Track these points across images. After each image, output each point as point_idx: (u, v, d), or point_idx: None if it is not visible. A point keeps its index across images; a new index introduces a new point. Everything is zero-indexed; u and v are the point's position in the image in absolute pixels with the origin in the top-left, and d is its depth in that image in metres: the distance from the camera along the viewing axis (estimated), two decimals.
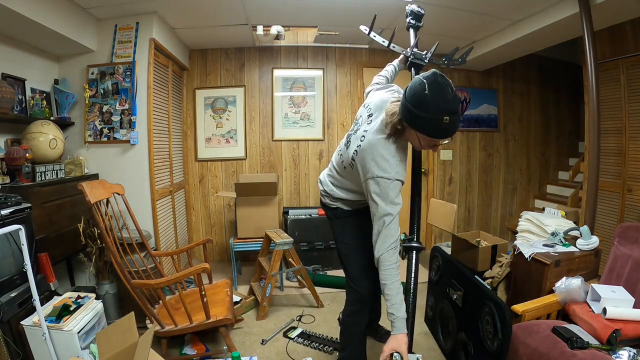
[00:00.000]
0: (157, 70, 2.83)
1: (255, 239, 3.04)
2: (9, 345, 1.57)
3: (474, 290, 1.81)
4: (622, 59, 2.70)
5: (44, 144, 2.24)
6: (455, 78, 4.02)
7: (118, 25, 2.67)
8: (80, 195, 1.81)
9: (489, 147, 4.21)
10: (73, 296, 1.91)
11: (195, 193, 3.75)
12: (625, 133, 2.74)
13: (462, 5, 2.65)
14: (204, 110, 3.70)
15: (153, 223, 2.74)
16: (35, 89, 2.45)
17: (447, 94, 1.17)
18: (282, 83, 3.76)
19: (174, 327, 1.86)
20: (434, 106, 1.16)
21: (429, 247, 4.04)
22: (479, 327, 1.67)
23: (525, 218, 2.31)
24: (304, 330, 2.36)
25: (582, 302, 1.62)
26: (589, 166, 2.40)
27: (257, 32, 3.25)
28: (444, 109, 1.16)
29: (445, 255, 2.24)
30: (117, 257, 1.81)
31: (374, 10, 2.80)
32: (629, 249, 1.74)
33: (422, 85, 1.17)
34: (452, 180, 4.11)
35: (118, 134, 2.66)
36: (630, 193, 2.71)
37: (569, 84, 4.38)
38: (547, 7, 2.57)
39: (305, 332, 2.34)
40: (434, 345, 2.18)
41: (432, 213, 3.40)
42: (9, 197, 1.77)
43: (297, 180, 3.85)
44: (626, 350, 1.32)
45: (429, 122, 1.19)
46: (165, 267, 2.74)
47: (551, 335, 1.45)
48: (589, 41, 2.27)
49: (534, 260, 1.84)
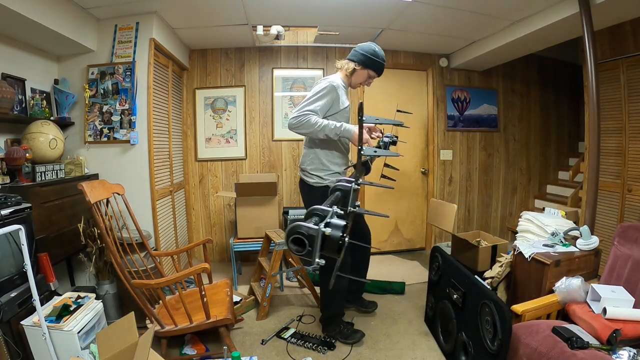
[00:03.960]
0: (157, 70, 2.83)
1: (255, 239, 3.04)
2: (9, 345, 1.57)
3: (474, 290, 1.81)
4: (622, 59, 2.70)
5: (44, 144, 2.24)
6: (456, 78, 4.03)
7: (118, 25, 2.67)
8: (80, 195, 1.81)
9: (489, 147, 4.21)
10: (73, 296, 1.91)
11: (195, 193, 3.75)
12: (625, 133, 2.74)
13: (462, 5, 2.65)
14: (204, 110, 3.70)
15: (153, 223, 2.74)
16: (35, 89, 2.45)
17: (382, 52, 2.16)
18: (282, 83, 3.76)
19: (174, 327, 1.86)
20: (380, 56, 2.13)
21: (429, 247, 4.04)
22: (479, 327, 1.67)
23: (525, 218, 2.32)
24: (297, 330, 2.36)
25: (582, 302, 1.62)
26: (589, 166, 2.40)
27: (257, 32, 3.25)
28: (384, 58, 2.16)
29: (445, 255, 2.24)
30: (117, 257, 1.81)
31: (374, 10, 2.82)
32: (629, 249, 1.74)
33: (373, 46, 2.14)
34: (452, 180, 4.12)
35: (118, 134, 2.66)
36: (630, 193, 2.71)
37: (569, 84, 4.38)
38: (547, 7, 2.57)
39: (298, 332, 2.33)
40: (434, 345, 2.18)
41: (432, 213, 3.40)
42: (9, 197, 1.77)
43: (297, 180, 3.85)
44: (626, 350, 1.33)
45: (378, 64, 2.13)
46: (165, 267, 2.74)
47: (551, 335, 1.45)
48: (589, 41, 2.27)
49: (534, 260, 1.85)
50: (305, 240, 1.63)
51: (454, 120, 4.06)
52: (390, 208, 3.95)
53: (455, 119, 4.06)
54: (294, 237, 1.77)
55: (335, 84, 2.05)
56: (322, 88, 2.03)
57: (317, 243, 1.59)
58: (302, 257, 1.73)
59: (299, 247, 1.76)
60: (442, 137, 4.03)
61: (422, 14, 2.84)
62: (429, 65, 3.94)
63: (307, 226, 1.64)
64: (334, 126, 1.97)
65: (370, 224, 2.61)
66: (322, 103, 2.00)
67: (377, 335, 2.31)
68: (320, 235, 1.62)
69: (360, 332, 2.27)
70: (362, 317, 2.54)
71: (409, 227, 4.10)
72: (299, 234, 1.68)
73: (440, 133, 4.01)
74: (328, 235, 1.55)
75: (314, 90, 2.05)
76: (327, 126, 1.96)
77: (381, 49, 2.14)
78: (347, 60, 2.14)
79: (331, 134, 1.98)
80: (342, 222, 1.56)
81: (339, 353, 2.12)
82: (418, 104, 3.98)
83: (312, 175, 2.19)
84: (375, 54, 2.09)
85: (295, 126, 1.98)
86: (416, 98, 3.98)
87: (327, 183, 2.14)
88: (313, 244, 1.67)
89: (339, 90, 2.08)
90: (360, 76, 2.14)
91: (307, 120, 1.95)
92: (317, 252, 1.64)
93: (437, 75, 3.96)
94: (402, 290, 2.96)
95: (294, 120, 1.98)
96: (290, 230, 1.75)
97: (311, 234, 1.65)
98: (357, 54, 2.11)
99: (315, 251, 1.65)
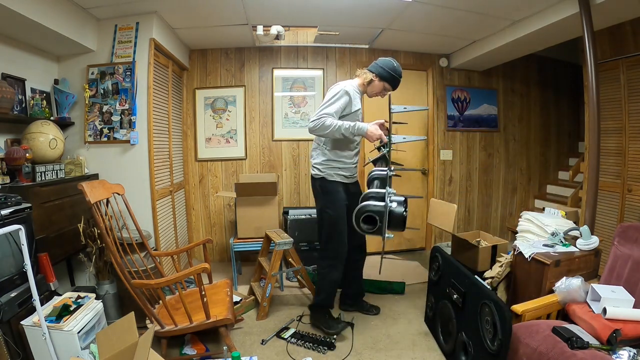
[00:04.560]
0: (157, 70, 2.83)
1: (255, 239, 3.04)
2: (9, 345, 1.57)
3: (474, 290, 1.81)
4: (622, 59, 2.70)
5: (44, 144, 2.24)
6: (456, 78, 4.03)
7: (118, 25, 2.67)
8: (80, 195, 1.81)
9: (489, 147, 4.21)
10: (73, 296, 1.91)
11: (195, 193, 3.75)
12: (625, 133, 2.74)
13: (462, 5, 2.65)
14: (204, 110, 3.70)
15: (153, 223, 2.74)
16: (35, 89, 2.45)
17: (401, 68, 2.30)
18: (282, 83, 3.76)
19: (174, 327, 1.86)
20: (398, 72, 2.27)
21: (429, 247, 4.04)
22: (479, 327, 1.67)
23: (525, 218, 2.32)
24: (297, 330, 2.36)
25: (582, 302, 1.62)
26: (589, 166, 2.40)
27: (257, 32, 3.25)
28: (401, 74, 2.29)
29: (445, 255, 2.24)
30: (117, 257, 1.81)
31: (374, 10, 2.82)
32: (629, 249, 1.74)
33: (393, 61, 2.27)
34: (452, 180, 4.12)
35: (118, 134, 2.66)
36: (630, 193, 2.71)
37: (569, 84, 4.38)
38: (547, 7, 2.57)
39: (298, 332, 2.34)
40: (434, 345, 2.18)
41: (432, 213, 3.40)
42: (9, 197, 1.77)
43: (297, 180, 3.85)
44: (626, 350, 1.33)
45: (395, 79, 2.27)
46: (165, 267, 2.74)
47: (551, 335, 1.45)
48: (589, 41, 2.27)
49: (534, 260, 1.85)
50: (376, 217, 1.85)
51: (454, 120, 4.06)
52: None
53: (455, 119, 4.06)
54: (365, 216, 2.07)
55: (347, 89, 2.21)
56: (335, 93, 2.20)
57: (386, 218, 1.85)
58: (372, 234, 2.00)
59: (369, 225, 2.00)
60: (442, 137, 4.03)
61: (422, 14, 2.84)
62: (429, 65, 3.94)
63: (373, 204, 1.92)
64: (348, 126, 2.11)
65: None
66: (336, 106, 2.16)
67: (377, 335, 2.31)
68: (387, 210, 1.90)
69: (343, 323, 2.34)
70: (363, 317, 2.54)
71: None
72: (370, 212, 1.98)
73: (440, 133, 4.01)
74: (392, 211, 1.83)
75: (329, 95, 2.24)
76: (342, 126, 2.11)
77: (400, 66, 2.29)
78: (366, 70, 2.32)
79: (347, 133, 2.13)
80: (401, 198, 1.85)
81: (339, 353, 2.12)
82: (418, 104, 3.98)
83: (314, 168, 2.36)
84: (393, 69, 2.25)
85: (314, 129, 2.14)
86: (416, 98, 3.98)
87: (323, 175, 2.30)
88: (383, 219, 1.96)
89: (352, 94, 2.23)
90: (376, 87, 2.30)
91: (324, 122, 2.10)
92: (386, 226, 1.92)
93: (437, 75, 3.96)
94: (402, 290, 2.96)
95: (313, 123, 2.14)
96: (359, 211, 2.11)
97: (380, 210, 1.95)
98: (377, 66, 2.28)
99: (385, 226, 1.92)
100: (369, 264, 2.91)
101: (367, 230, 1.99)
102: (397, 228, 1.93)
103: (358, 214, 1.95)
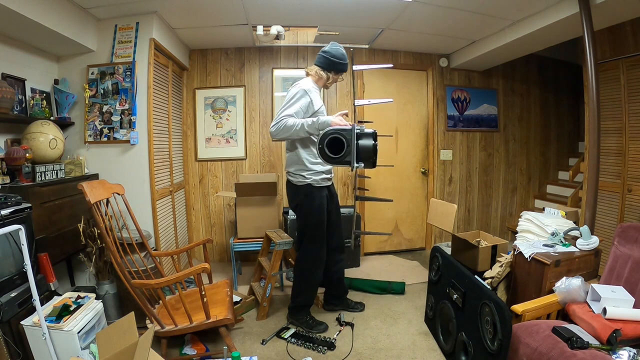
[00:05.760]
0: (157, 70, 2.83)
1: (255, 239, 3.04)
2: (9, 345, 1.58)
3: (474, 290, 1.81)
4: (622, 59, 2.70)
5: (44, 144, 2.24)
6: (456, 78, 4.03)
7: (118, 25, 2.67)
8: (80, 195, 1.81)
9: (489, 147, 4.21)
10: (73, 296, 1.91)
11: (195, 193, 3.75)
12: (625, 133, 2.74)
13: (462, 5, 2.65)
14: (204, 110, 3.70)
15: (153, 223, 2.74)
16: (35, 89, 2.45)
17: (341, 49, 2.28)
18: (282, 83, 3.76)
19: (174, 327, 1.86)
20: (337, 55, 2.24)
21: (429, 247, 4.04)
22: (479, 327, 1.67)
23: (525, 218, 2.32)
24: (297, 330, 2.36)
25: (582, 302, 1.62)
26: (589, 166, 2.40)
27: (257, 32, 3.25)
28: (342, 56, 2.26)
29: (445, 255, 2.24)
30: (117, 257, 1.81)
31: (374, 10, 2.82)
32: (629, 249, 1.74)
33: (333, 46, 2.27)
34: (452, 180, 4.12)
35: (118, 134, 2.66)
36: (630, 193, 2.71)
37: (569, 84, 4.38)
38: (547, 7, 2.57)
39: (298, 332, 2.34)
40: (434, 345, 2.18)
41: (432, 213, 3.40)
42: (9, 197, 1.77)
43: None
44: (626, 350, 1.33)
45: (337, 64, 2.24)
46: (165, 267, 2.74)
47: (551, 335, 1.45)
48: (589, 41, 2.27)
49: (534, 260, 1.85)
50: (343, 139, 1.74)
51: (454, 120, 4.06)
52: (390, 208, 3.95)
53: (455, 119, 4.06)
54: (330, 138, 1.87)
55: (305, 88, 2.16)
56: (294, 94, 2.14)
57: (354, 140, 1.67)
58: (339, 163, 1.81)
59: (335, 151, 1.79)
60: (442, 137, 4.03)
61: (422, 14, 2.84)
62: (429, 65, 3.94)
63: (340, 127, 1.71)
64: (311, 122, 2.05)
65: (370, 224, 2.61)
66: (296, 107, 2.10)
67: (377, 335, 2.31)
68: (355, 132, 1.72)
69: (324, 324, 2.36)
70: (363, 317, 2.54)
71: (409, 227, 4.10)
72: (337, 134, 1.79)
73: (440, 133, 4.01)
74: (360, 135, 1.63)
75: (287, 97, 2.17)
76: (305, 123, 2.04)
77: (338, 48, 2.26)
78: (314, 65, 2.30)
79: (311, 130, 2.06)
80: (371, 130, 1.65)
81: (338, 353, 2.12)
82: (418, 104, 3.98)
83: (295, 175, 2.28)
84: (332, 55, 2.23)
85: (276, 133, 2.07)
86: (416, 98, 3.98)
87: (309, 181, 2.23)
88: (351, 142, 1.77)
89: (311, 93, 2.17)
90: (325, 78, 2.29)
91: (285, 123, 2.04)
92: (354, 152, 1.72)
93: (437, 75, 3.96)
94: (402, 290, 2.96)
95: (274, 127, 2.07)
96: (324, 134, 1.89)
97: (347, 130, 1.73)
98: (320, 57, 2.28)
99: (353, 151, 1.73)
100: (369, 264, 2.93)
101: (333, 158, 1.80)
102: (368, 161, 1.73)
103: (323, 137, 1.71)
